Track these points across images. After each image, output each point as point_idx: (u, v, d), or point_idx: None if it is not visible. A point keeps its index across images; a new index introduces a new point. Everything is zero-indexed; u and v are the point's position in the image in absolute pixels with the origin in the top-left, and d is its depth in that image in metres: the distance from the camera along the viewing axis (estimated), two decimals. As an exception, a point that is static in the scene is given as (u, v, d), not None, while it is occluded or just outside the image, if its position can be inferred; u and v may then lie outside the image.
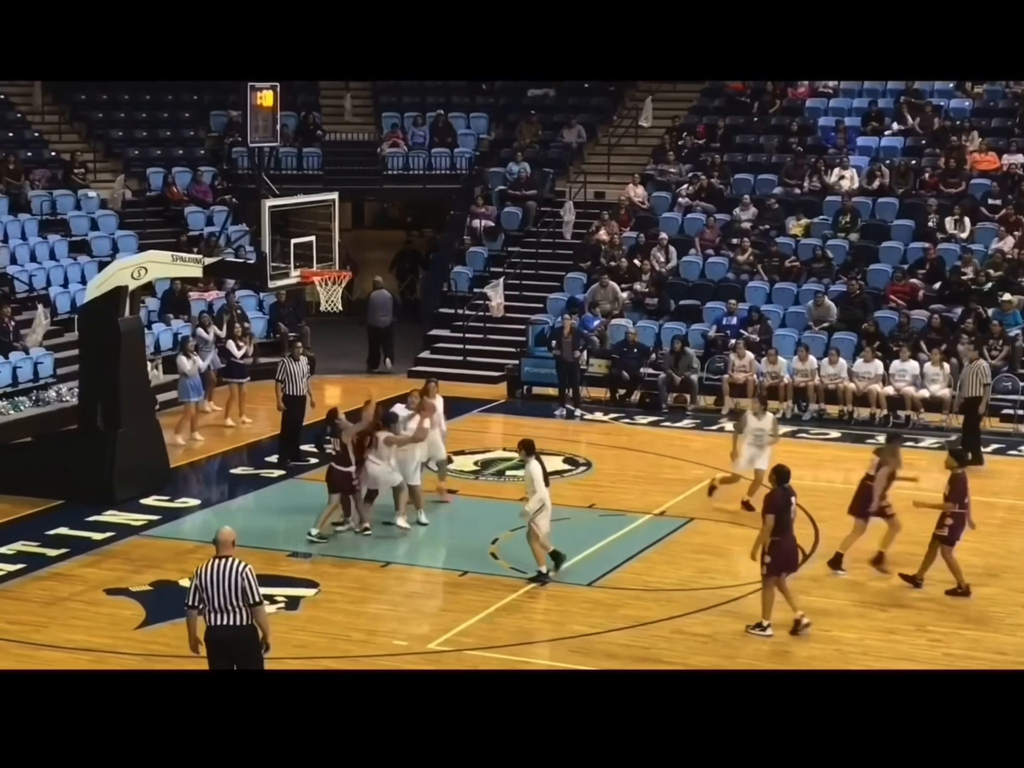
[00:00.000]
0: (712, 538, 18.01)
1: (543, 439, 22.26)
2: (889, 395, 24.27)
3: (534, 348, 27.11)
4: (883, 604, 15.62)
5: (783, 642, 14.54)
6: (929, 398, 24.12)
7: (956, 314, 25.91)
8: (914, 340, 25.21)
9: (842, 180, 29.67)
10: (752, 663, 13.96)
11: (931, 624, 15.06)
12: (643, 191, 30.86)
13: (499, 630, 14.91)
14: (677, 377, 25.47)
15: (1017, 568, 16.89)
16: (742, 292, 27.66)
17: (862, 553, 17.29)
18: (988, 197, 28.54)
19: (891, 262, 27.71)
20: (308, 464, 21.03)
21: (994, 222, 27.87)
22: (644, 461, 21.87)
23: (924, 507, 16.10)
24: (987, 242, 27.48)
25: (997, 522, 18.79)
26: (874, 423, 24.13)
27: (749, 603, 15.57)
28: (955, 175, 29.14)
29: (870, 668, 13.70)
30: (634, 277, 28.41)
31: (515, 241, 31.00)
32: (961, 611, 15.52)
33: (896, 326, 25.92)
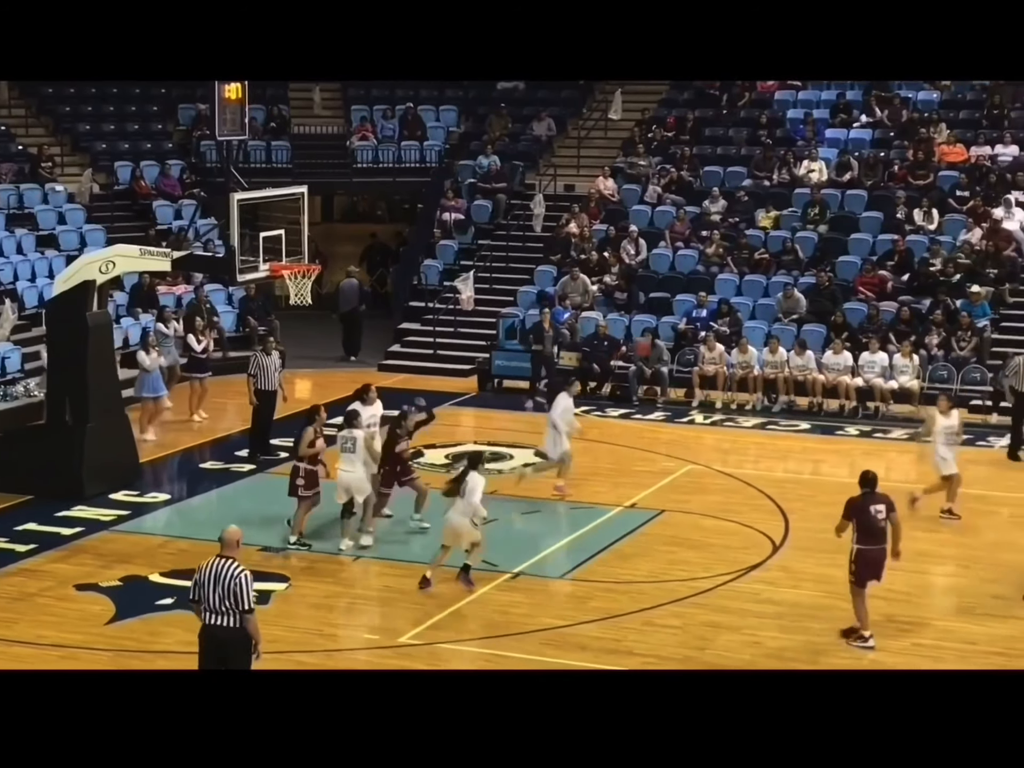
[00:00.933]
0: (682, 530, 18.05)
1: (514, 432, 22.38)
2: (858, 387, 24.37)
3: (504, 341, 27.11)
4: (853, 595, 15.66)
5: (753, 632, 14.57)
6: (898, 389, 24.22)
7: (925, 306, 26.03)
8: (883, 332, 25.32)
9: (811, 172, 29.75)
10: (724, 654, 14.00)
11: (900, 614, 15.12)
12: (613, 184, 30.89)
13: (471, 623, 14.91)
14: (647, 370, 25.51)
15: (987, 559, 16.97)
16: (712, 284, 27.72)
17: (837, 545, 17.37)
18: (956, 189, 28.66)
19: (860, 254, 27.82)
20: (278, 459, 20.96)
21: (962, 214, 27.99)
22: (615, 454, 21.89)
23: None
24: (955, 234, 27.59)
25: (968, 513, 18.87)
26: (843, 415, 24.23)
27: (719, 594, 15.64)
28: (923, 167, 29.26)
29: (840, 658, 13.78)
30: (604, 270, 28.44)
31: (485, 234, 30.99)
32: (931, 601, 15.61)
33: (865, 318, 26.03)
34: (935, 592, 15.90)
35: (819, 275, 26.99)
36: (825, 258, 27.70)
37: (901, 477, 21.56)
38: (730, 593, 15.74)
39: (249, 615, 11.19)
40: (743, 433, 23.55)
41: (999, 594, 15.73)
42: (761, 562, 16.72)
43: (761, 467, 21.61)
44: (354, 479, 16.93)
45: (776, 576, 16.26)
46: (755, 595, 15.70)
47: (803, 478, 21.00)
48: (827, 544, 17.28)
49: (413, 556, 17.07)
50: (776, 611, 15.20)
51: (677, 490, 19.78)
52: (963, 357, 24.79)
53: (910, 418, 23.75)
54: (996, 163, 29.00)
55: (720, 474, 20.64)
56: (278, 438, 21.46)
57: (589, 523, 18.33)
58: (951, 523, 18.23)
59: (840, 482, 20.58)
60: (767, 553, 17.07)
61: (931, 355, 24.86)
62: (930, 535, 17.84)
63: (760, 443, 23.04)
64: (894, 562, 14.36)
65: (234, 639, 11.22)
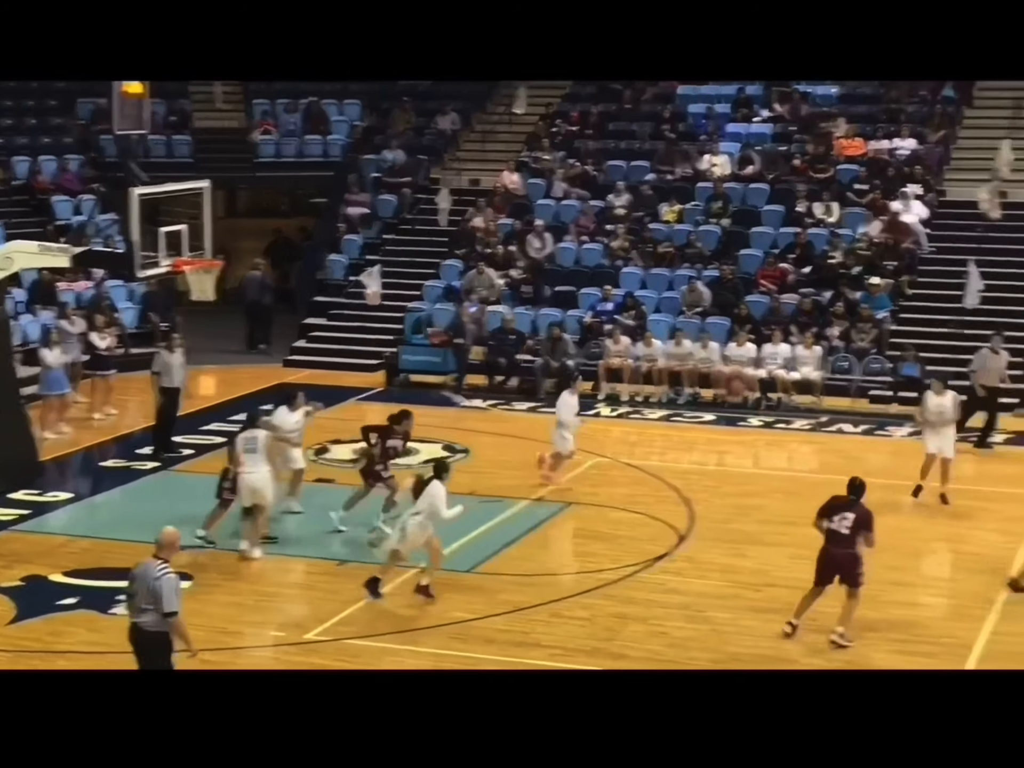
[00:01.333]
0: (590, 522, 18.13)
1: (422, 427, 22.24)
2: (761, 378, 24.63)
3: (411, 336, 27.05)
4: (757, 584, 15.83)
5: (659, 623, 14.67)
6: (800, 380, 24.52)
7: (825, 298, 26.37)
8: (785, 324, 25.61)
9: (713, 167, 30.00)
10: (630, 645, 14.08)
11: (804, 603, 15.27)
12: (518, 178, 30.92)
13: (379, 619, 14.86)
14: (554, 363, 25.59)
15: (889, 545, 17.13)
16: (617, 278, 27.86)
17: (742, 535, 17.55)
18: (855, 182, 29.04)
19: (762, 247, 28.10)
20: (181, 456, 20.76)
21: (861, 207, 28.37)
22: (522, 447, 21.91)
23: None
24: (855, 226, 27.96)
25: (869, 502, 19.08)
26: (746, 406, 24.47)
27: (626, 586, 15.74)
28: (823, 161, 29.61)
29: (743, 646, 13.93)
30: (510, 264, 28.49)
31: (390, 229, 30.91)
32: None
33: (767, 310, 26.32)
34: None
35: (722, 268, 27.25)
36: (728, 251, 27.96)
37: (803, 467, 21.90)
38: (637, 584, 15.83)
39: (170, 618, 11.14)
40: (649, 425, 23.70)
41: (902, 581, 15.97)
42: (667, 553, 16.84)
43: (667, 459, 21.77)
44: (259, 480, 16.65)
45: (682, 567, 16.39)
46: (661, 586, 15.81)
47: (708, 469, 21.19)
48: (732, 534, 17.55)
49: (324, 553, 16.98)
50: (682, 601, 15.31)
51: (584, 483, 19.86)
52: (863, 348, 25.15)
53: (812, 409, 24.05)
54: (894, 157, 29.42)
55: (626, 466, 20.76)
56: (182, 436, 21.25)
57: (497, 516, 18.34)
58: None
59: (744, 472, 20.91)
60: (673, 544, 17.20)
61: (832, 346, 25.20)
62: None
63: (665, 435, 23.20)
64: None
65: (151, 639, 11.19)
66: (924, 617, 15.08)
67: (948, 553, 17.51)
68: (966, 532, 17.94)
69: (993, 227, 27.09)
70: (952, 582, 16.54)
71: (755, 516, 18.42)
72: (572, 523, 18.14)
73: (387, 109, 33.87)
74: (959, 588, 16.05)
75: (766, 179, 29.65)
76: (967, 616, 14.91)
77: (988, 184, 27.44)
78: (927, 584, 16.46)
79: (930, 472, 18.94)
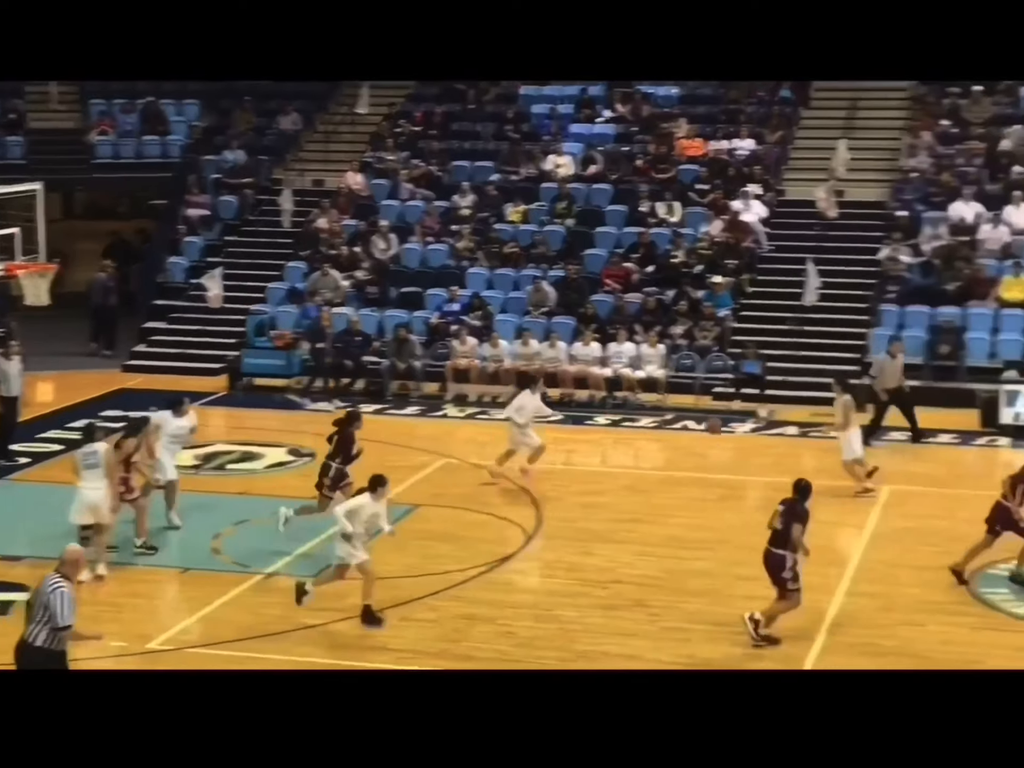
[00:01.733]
0: (437, 524, 18.05)
1: (266, 431, 22.05)
2: (607, 377, 24.80)
3: (254, 339, 26.72)
4: (603, 581, 15.91)
5: (507, 623, 14.65)
6: (645, 379, 24.74)
7: (669, 296, 26.65)
8: (629, 323, 25.82)
9: (558, 167, 30.14)
10: (478, 646, 14.05)
11: (649, 599, 15.42)
12: (362, 178, 30.73)
13: (223, 626, 14.61)
14: (400, 365, 25.47)
15: (732, 540, 17.40)
16: (463, 278, 27.84)
17: (589, 533, 17.64)
18: (696, 182, 29.41)
19: (606, 247, 28.30)
20: (18, 464, 20.22)
21: (703, 206, 28.73)
22: (369, 450, 21.70)
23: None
24: (696, 226, 28.31)
25: (714, 497, 19.39)
26: (593, 405, 24.63)
27: (474, 586, 15.70)
28: (665, 161, 29.93)
29: (589, 644, 13.98)
30: (355, 265, 28.29)
31: (232, 230, 30.51)
32: (678, 584, 15.93)
33: (612, 309, 26.52)
34: (684, 576, 16.22)
35: (567, 268, 27.38)
36: (573, 251, 28.11)
37: (649, 464, 22.09)
38: (484, 585, 15.81)
39: (63, 632, 11.05)
40: (496, 426, 23.60)
41: (744, 575, 16.15)
42: (514, 553, 16.85)
43: (515, 458, 21.76)
44: (98, 497, 15.93)
45: (529, 566, 16.43)
46: (509, 586, 15.82)
47: (555, 468, 21.22)
48: (579, 533, 17.62)
49: (167, 561, 16.66)
50: (529, 601, 15.34)
51: (432, 484, 19.79)
52: (706, 346, 25.48)
53: (657, 406, 24.28)
54: (734, 157, 29.85)
55: (474, 467, 20.72)
56: (20, 444, 20.71)
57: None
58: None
59: (591, 471, 21.02)
60: (520, 544, 17.21)
61: (676, 344, 25.49)
62: (681, 520, 18.29)
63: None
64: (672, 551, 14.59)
65: (38, 655, 11.03)
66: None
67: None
68: (809, 527, 18.18)
69: (830, 226, 27.63)
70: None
71: (602, 514, 18.52)
72: (419, 525, 18.03)
73: (227, 109, 33.43)
74: (803, 581, 16.26)
75: (609, 179, 29.87)
76: (811, 609, 15.12)
77: (825, 183, 27.99)
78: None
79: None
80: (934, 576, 15.94)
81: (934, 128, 29.55)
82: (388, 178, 30.75)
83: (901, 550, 17.12)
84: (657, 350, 24.91)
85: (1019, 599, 15.35)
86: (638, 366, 24.83)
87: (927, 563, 16.43)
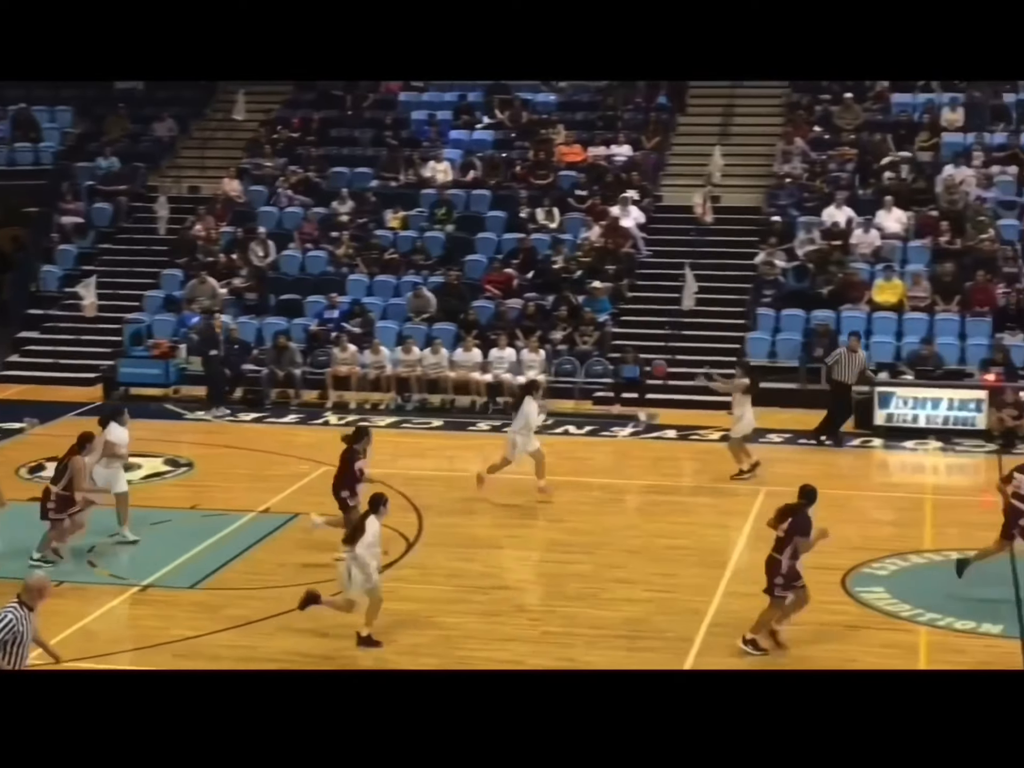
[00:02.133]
0: (318, 533, 17.80)
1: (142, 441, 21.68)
2: (488, 382, 24.83)
3: (130, 347, 26.35)
4: (484, 587, 15.91)
5: (387, 630, 14.58)
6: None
7: (549, 302, 26.76)
8: (510, 328, 25.89)
9: (437, 173, 30.13)
10: (358, 653, 13.98)
11: (529, 604, 15.45)
12: (239, 185, 30.46)
13: (97, 640, 14.37)
14: (280, 372, 25.27)
15: (610, 544, 17.53)
16: (343, 285, 27.71)
17: (470, 539, 17.63)
18: (575, 188, 29.57)
19: (486, 253, 28.36)
20: None
21: (581, 212, 28.90)
22: (249, 459, 21.59)
23: None
24: (576, 232, 28.47)
25: (591, 501, 19.49)
26: (474, 411, 24.65)
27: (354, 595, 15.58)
28: (544, 167, 30.06)
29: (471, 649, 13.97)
30: (233, 272, 28.02)
31: (107, 238, 30.07)
32: (558, 589, 15.99)
33: (493, 315, 26.56)
34: (564, 580, 16.27)
35: (448, 274, 27.38)
36: (453, 257, 28.12)
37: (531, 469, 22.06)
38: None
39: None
40: (378, 433, 23.32)
41: (623, 578, 16.27)
42: (395, 560, 16.76)
43: (397, 466, 21.67)
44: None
45: (410, 573, 16.36)
46: (390, 593, 15.64)
47: (437, 475, 21.21)
48: (460, 539, 17.62)
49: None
50: (410, 608, 15.27)
51: (312, 492, 19.61)
52: (586, 351, 25.63)
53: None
54: (612, 163, 30.07)
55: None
56: None
57: (222, 530, 17.98)
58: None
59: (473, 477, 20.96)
60: (401, 551, 17.14)
61: (556, 349, 25.61)
62: (560, 524, 18.35)
63: (395, 442, 23.12)
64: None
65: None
66: (645, 613, 15.34)
67: (666, 549, 17.89)
68: (684, 528, 18.40)
69: (707, 231, 27.94)
70: (670, 577, 16.88)
71: (483, 520, 18.54)
72: (299, 534, 17.89)
73: (101, 115, 32.94)
74: (678, 583, 16.42)
75: (489, 185, 29.93)
76: (689, 610, 15.26)
77: (701, 189, 28.30)
78: (646, 580, 16.76)
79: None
80: (808, 576, 16.13)
81: (807, 134, 30.04)
82: (266, 184, 30.52)
83: (778, 550, 17.31)
84: (538, 355, 25.00)
85: (893, 598, 15.61)
86: (519, 371, 24.89)
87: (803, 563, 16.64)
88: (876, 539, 17.72)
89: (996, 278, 26.20)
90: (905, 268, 26.81)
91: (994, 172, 28.55)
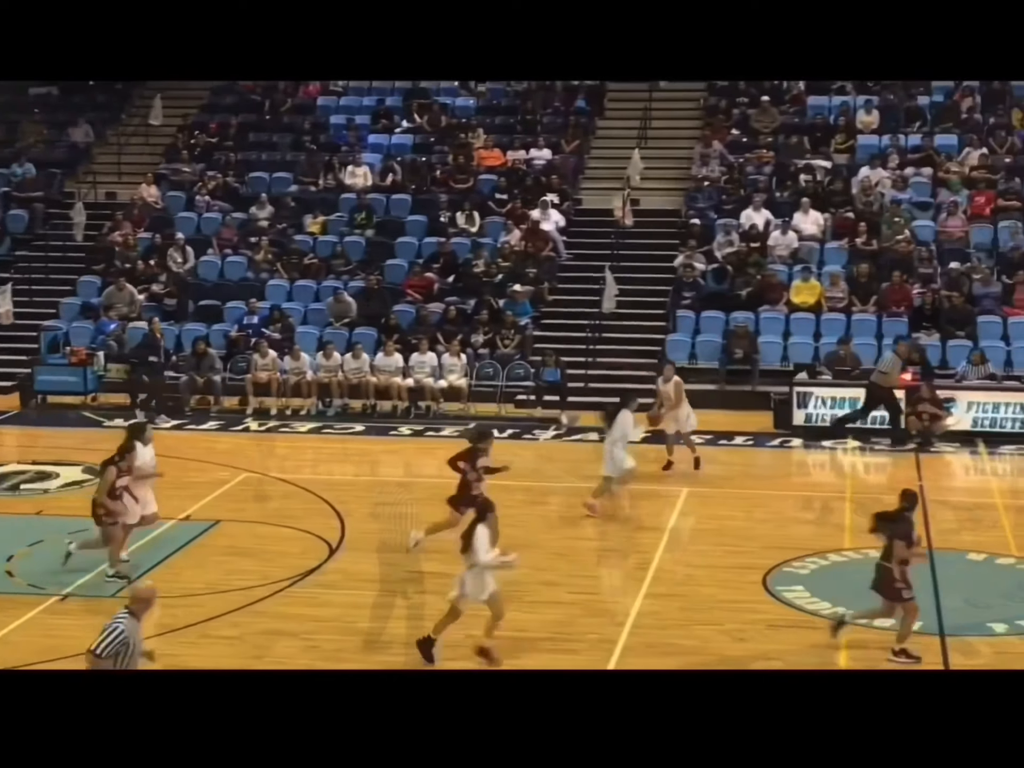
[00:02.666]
0: (239, 539, 17.82)
1: (61, 449, 21.51)
2: (410, 387, 24.80)
3: (47, 355, 26.04)
4: (408, 593, 15.85)
5: (311, 636, 14.51)
6: (448, 388, 24.81)
7: (470, 306, 26.78)
8: (432, 332, 25.87)
9: (356, 178, 30.06)
10: (282, 660, 13.88)
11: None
12: (157, 191, 30.22)
13: (17, 650, 14.16)
14: (199, 379, 25.08)
15: (537, 546, 17.55)
16: (262, 291, 27.59)
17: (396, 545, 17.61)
18: (495, 192, 29.62)
19: (407, 257, 28.33)
20: None
21: (502, 216, 28.96)
22: (168, 466, 21.20)
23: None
24: (496, 235, 28.53)
25: (516, 503, 19.49)
26: (396, 415, 24.62)
27: (276, 601, 15.54)
28: (464, 171, 30.09)
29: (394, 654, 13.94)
30: (151, 279, 27.78)
31: (22, 244, 29.73)
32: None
33: (414, 319, 26.53)
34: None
35: (368, 279, 27.32)
36: (373, 262, 28.07)
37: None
38: (288, 599, 15.64)
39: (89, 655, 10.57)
40: (299, 438, 23.53)
41: (549, 581, 16.30)
42: (318, 566, 16.71)
43: (319, 471, 21.68)
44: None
45: (333, 579, 16.30)
46: (313, 600, 15.68)
47: (359, 480, 21.17)
48: (383, 544, 17.54)
49: None
50: (334, 614, 15.21)
51: (233, 499, 19.55)
52: (508, 354, 25.67)
53: (460, 415, 24.37)
54: (531, 166, 30.16)
55: (277, 480, 20.53)
56: None
57: (142, 538, 17.78)
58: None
59: (396, 481, 20.97)
60: (324, 557, 17.08)
61: (477, 353, 25.64)
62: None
63: (316, 447, 23.09)
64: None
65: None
66: (569, 615, 15.39)
67: (592, 552, 17.96)
68: (606, 530, 18.49)
69: (626, 234, 28.11)
70: (594, 579, 16.97)
71: (406, 525, 18.47)
72: (221, 540, 17.78)
73: (15, 121, 32.55)
74: (602, 585, 16.50)
75: (408, 189, 29.90)
76: (612, 611, 15.34)
77: (620, 192, 28.45)
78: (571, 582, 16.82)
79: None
80: (730, 576, 16.31)
81: (725, 137, 30.29)
82: (183, 190, 30.29)
83: (698, 551, 17.47)
84: (459, 359, 25.01)
85: (813, 596, 15.76)
86: (440, 375, 24.89)
87: (723, 563, 16.80)
88: (796, 538, 17.89)
89: (912, 279, 26.57)
90: (822, 269, 27.12)
91: (909, 174, 28.96)
